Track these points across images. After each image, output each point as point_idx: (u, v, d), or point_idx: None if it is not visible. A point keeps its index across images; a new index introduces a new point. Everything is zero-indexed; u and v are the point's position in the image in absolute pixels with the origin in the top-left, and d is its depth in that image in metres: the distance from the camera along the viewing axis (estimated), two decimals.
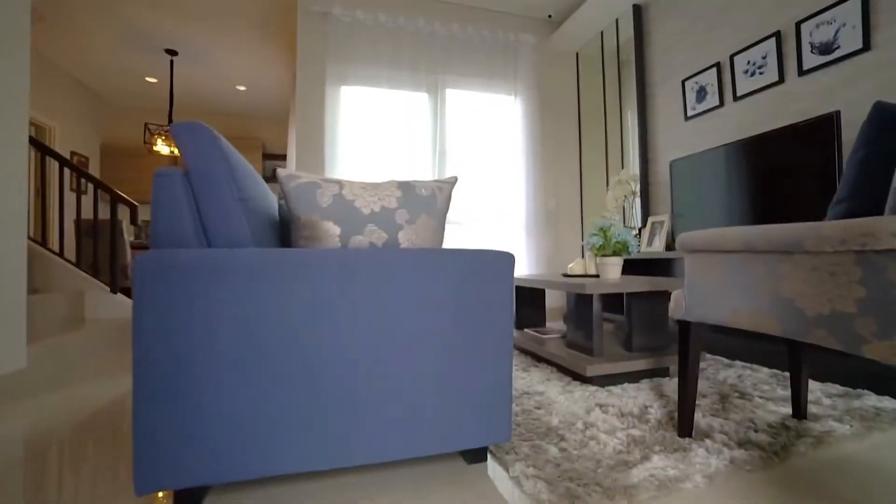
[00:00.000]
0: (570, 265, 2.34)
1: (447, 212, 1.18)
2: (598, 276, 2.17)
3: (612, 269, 2.06)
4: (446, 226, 3.80)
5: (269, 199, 1.38)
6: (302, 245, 1.09)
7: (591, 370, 1.72)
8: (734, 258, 1.10)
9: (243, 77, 5.28)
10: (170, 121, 4.50)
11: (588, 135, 4.18)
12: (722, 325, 1.15)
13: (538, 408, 1.62)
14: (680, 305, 1.28)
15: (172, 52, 4.38)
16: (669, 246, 3.01)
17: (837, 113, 2.01)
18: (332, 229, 1.06)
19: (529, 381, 1.96)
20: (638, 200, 3.50)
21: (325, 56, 3.50)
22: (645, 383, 1.87)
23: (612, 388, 1.81)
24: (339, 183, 1.10)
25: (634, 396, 1.71)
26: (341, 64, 3.53)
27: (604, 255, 2.07)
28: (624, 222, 3.67)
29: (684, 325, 1.29)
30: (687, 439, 1.29)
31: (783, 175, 2.27)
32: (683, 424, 1.31)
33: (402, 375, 1.05)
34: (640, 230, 3.38)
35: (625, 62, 3.73)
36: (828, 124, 2.04)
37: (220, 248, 1.04)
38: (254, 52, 4.65)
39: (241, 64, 4.93)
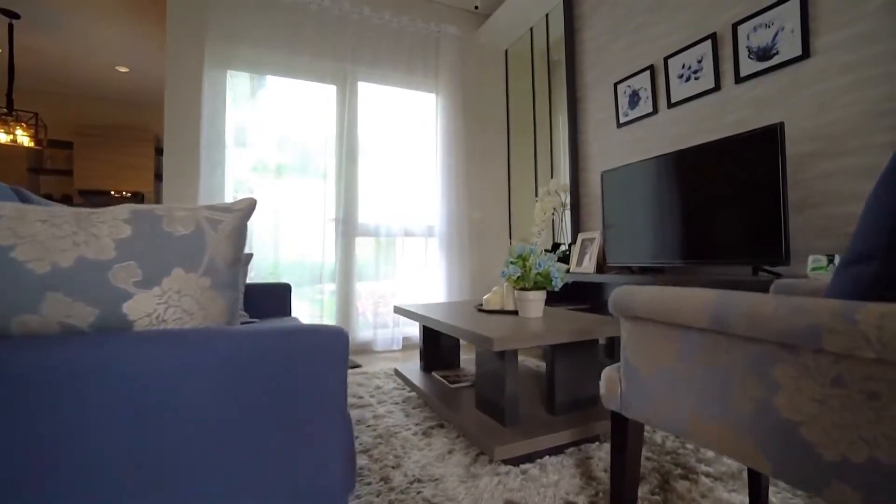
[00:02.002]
0: (486, 296, 1.93)
1: (239, 261, 0.69)
2: (516, 312, 1.77)
3: (533, 305, 1.67)
4: (356, 240, 3.29)
5: None
6: None
7: (501, 452, 1.30)
8: (695, 337, 0.70)
9: (123, 56, 4.42)
10: (8, 102, 3.58)
11: (517, 140, 3.85)
12: (677, 435, 0.75)
13: None
14: (613, 391, 0.88)
15: (11, 14, 3.47)
16: (601, 266, 2.71)
17: (781, 125, 1.75)
18: None
19: (427, 455, 1.50)
20: (568, 213, 3.20)
21: (205, 33, 2.86)
22: (570, 455, 1.48)
23: (528, 465, 1.39)
24: None
25: (556, 482, 1.30)
26: (225, 44, 2.91)
27: (523, 289, 1.67)
28: (553, 237, 3.36)
29: (619, 421, 0.88)
30: None
31: (722, 191, 2.00)
32: None
33: None
34: (569, 246, 3.08)
35: (556, 63, 3.43)
36: (770, 136, 1.79)
37: None
38: (130, 27, 3.85)
39: (118, 40, 4.09)
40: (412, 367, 2.23)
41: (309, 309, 3.23)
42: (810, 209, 1.86)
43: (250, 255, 2.03)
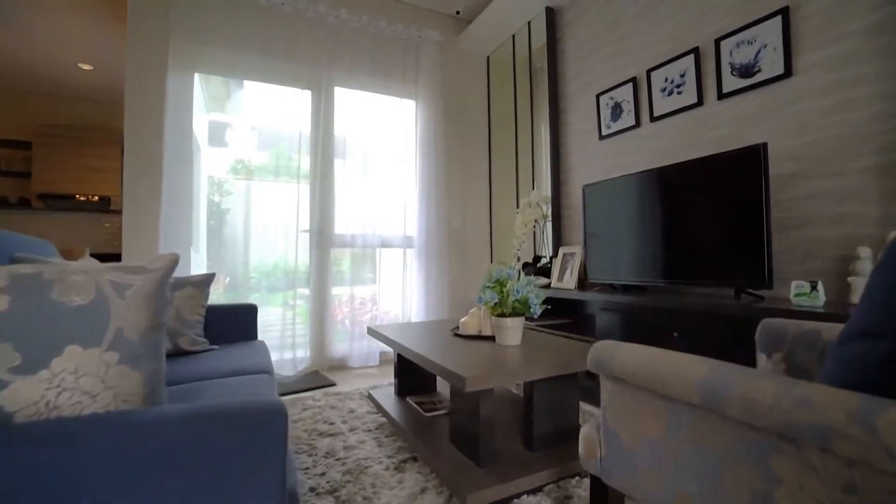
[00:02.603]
0: (462, 319, 1.85)
1: (160, 326, 0.58)
2: (493, 338, 1.69)
3: (511, 332, 1.59)
4: (332, 251, 3.17)
5: None
6: None
7: (474, 499, 1.21)
8: (684, 411, 0.62)
9: (86, 53, 4.20)
10: None
11: (499, 148, 3.78)
12: None
13: None
14: (592, 454, 0.80)
15: None
16: (582, 282, 2.65)
17: (764, 145, 1.71)
18: None
19: (398, 495, 1.41)
20: (549, 225, 3.14)
21: (169, 32, 2.70)
22: (549, 494, 1.40)
23: None
24: None
25: None
26: (191, 45, 2.75)
27: (500, 315, 1.59)
28: (534, 249, 3.30)
29: (599, 486, 0.81)
30: None
31: (705, 211, 1.96)
32: None
33: None
34: (551, 259, 3.02)
35: (538, 70, 3.37)
36: (754, 157, 1.74)
37: None
38: (93, 23, 3.65)
39: (80, 36, 3.87)
40: (386, 392, 2.13)
41: (282, 317, 3.05)
42: (792, 230, 1.83)
43: (212, 275, 1.90)
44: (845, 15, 1.69)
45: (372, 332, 2.04)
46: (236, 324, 1.96)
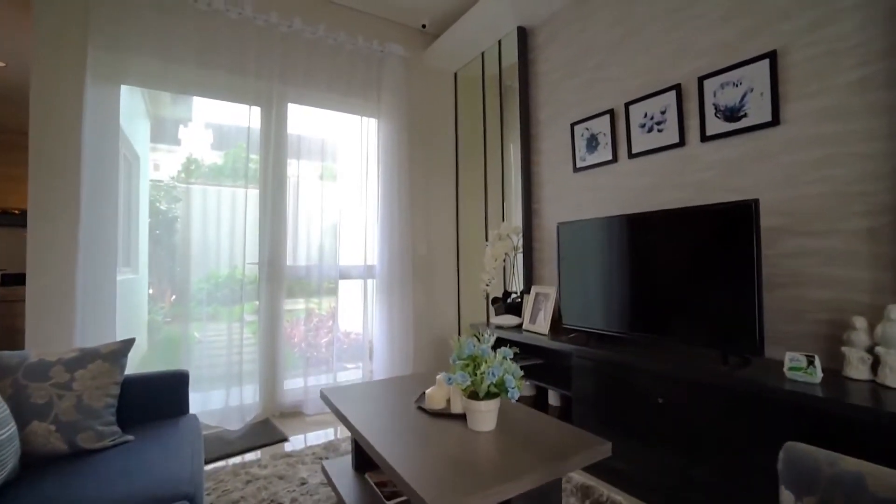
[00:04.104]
0: (428, 389, 1.62)
1: None
2: (464, 416, 1.47)
3: (484, 417, 1.38)
4: (284, 283, 2.85)
5: None
6: None
7: None
8: None
9: None
10: None
11: (467, 170, 3.57)
12: None
13: None
14: None
15: None
16: (556, 323, 2.48)
17: (756, 202, 1.59)
18: None
19: None
20: (520, 257, 2.97)
21: (87, 37, 2.33)
22: None
23: None
24: None
25: None
26: (115, 53, 2.39)
27: (473, 396, 1.38)
28: (504, 284, 3.12)
29: None
30: None
31: (689, 265, 1.82)
32: None
33: None
34: (521, 294, 2.84)
35: (509, 89, 3.19)
36: (744, 214, 1.62)
37: None
38: (5, 14, 3.16)
39: None
40: (343, 463, 1.87)
41: (228, 344, 2.68)
42: (779, 289, 1.72)
43: (131, 342, 1.58)
44: (834, 67, 1.59)
45: (325, 398, 1.78)
46: (162, 397, 1.65)
